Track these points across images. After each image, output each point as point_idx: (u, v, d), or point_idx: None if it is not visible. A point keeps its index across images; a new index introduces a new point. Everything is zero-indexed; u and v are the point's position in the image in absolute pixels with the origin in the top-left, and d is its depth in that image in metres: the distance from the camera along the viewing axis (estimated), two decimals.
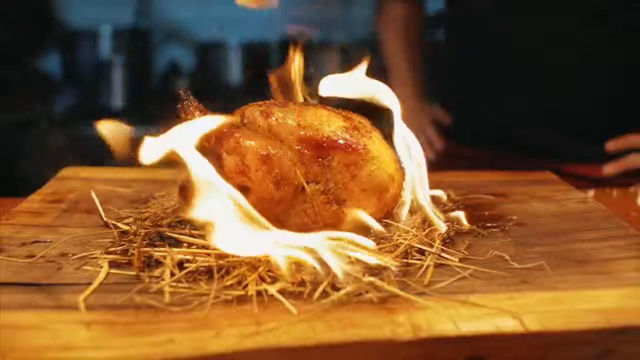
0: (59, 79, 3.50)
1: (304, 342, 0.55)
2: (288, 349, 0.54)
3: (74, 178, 1.01)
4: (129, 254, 0.70)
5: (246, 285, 0.64)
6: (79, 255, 0.71)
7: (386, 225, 0.74)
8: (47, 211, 0.85)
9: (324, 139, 0.71)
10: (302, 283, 0.64)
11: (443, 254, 0.71)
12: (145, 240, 0.72)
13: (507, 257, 0.71)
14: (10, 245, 0.73)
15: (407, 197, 0.78)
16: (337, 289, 0.63)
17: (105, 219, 0.80)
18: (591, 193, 1.07)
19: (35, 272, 0.67)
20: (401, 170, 0.76)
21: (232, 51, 3.22)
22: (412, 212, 0.80)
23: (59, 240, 0.75)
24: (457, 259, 0.70)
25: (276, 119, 0.73)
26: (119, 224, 0.78)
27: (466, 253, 0.73)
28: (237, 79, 3.16)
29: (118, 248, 0.72)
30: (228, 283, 0.64)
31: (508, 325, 0.57)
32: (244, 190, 0.71)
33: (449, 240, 0.76)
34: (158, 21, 3.36)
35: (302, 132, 0.72)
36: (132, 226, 0.77)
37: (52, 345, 0.53)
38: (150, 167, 0.82)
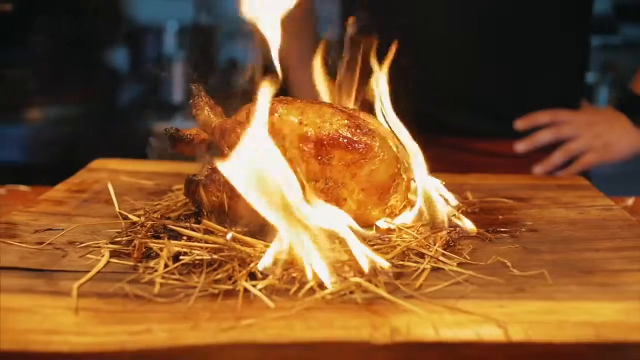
0: (124, 73, 3.63)
1: (278, 339, 0.55)
2: (261, 345, 0.55)
3: (102, 169, 1.04)
4: (132, 244, 0.72)
5: (235, 281, 0.64)
6: (86, 244, 0.73)
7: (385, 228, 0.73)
8: (69, 200, 0.89)
9: (325, 137, 0.71)
10: (291, 280, 0.64)
11: (441, 258, 0.70)
12: (150, 232, 0.74)
13: (508, 264, 0.69)
14: (24, 232, 0.77)
15: (413, 198, 0.76)
16: (324, 288, 0.62)
17: (118, 209, 0.83)
18: (630, 201, 1.03)
19: (41, 258, 0.70)
20: (407, 171, 0.75)
21: None
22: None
23: (72, 228, 0.78)
24: (455, 264, 0.69)
25: (279, 116, 0.73)
26: (130, 215, 0.80)
27: (468, 258, 0.71)
28: None
29: (123, 238, 0.74)
30: (218, 277, 0.64)
31: (490, 333, 0.55)
32: None
33: (453, 244, 0.74)
34: (221, 18, 3.42)
35: (303, 129, 0.72)
36: (141, 217, 0.79)
37: (38, 328, 0.56)
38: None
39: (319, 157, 0.71)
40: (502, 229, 0.79)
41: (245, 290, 0.63)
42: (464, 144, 1.23)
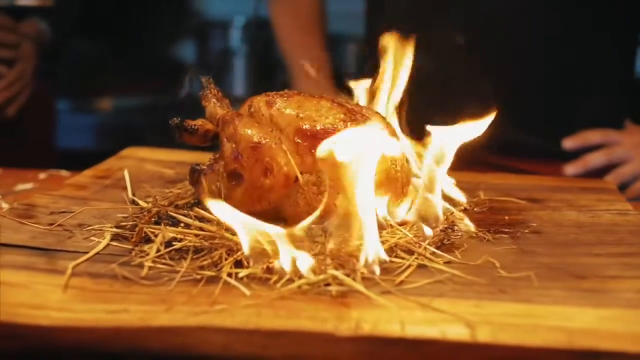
0: (191, 66, 3.74)
1: (243, 326, 0.56)
2: (227, 329, 0.56)
3: (131, 157, 1.08)
4: (135, 229, 0.76)
5: (221, 268, 0.66)
6: (93, 227, 0.77)
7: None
8: (91, 186, 0.93)
9: (318, 131, 0.72)
10: (271, 270, 0.65)
11: (430, 256, 0.69)
12: (153, 218, 0.77)
13: (497, 265, 0.68)
14: (41, 213, 0.81)
15: (410, 195, 0.76)
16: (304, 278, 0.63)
17: (130, 195, 0.87)
18: None
19: (49, 238, 0.74)
20: (402, 167, 0.75)
21: (350, 45, 3.24)
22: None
23: (84, 212, 0.82)
24: (442, 262, 0.68)
25: (277, 109, 0.74)
26: (139, 201, 0.84)
27: (459, 257, 0.70)
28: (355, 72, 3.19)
29: (128, 223, 0.77)
30: (204, 263, 0.67)
31: (456, 332, 0.55)
32: (238, 176, 0.74)
33: (448, 242, 0.73)
34: None
35: (299, 123, 0.73)
36: (150, 204, 0.82)
37: (26, 302, 0.59)
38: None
39: (312, 151, 0.72)
40: (504, 230, 0.78)
41: (228, 276, 0.65)
42: (506, 164, 1.19)
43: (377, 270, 0.65)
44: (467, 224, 0.76)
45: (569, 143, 1.18)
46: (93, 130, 3.26)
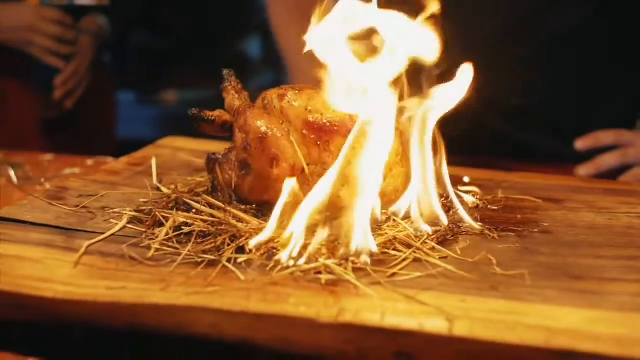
0: (256, 60, 3.83)
1: (231, 307, 0.59)
2: (215, 310, 0.59)
3: (167, 147, 1.13)
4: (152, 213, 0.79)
5: (222, 253, 0.69)
6: (114, 210, 0.82)
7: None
8: (123, 172, 0.98)
9: (324, 124, 0.74)
10: (270, 256, 0.67)
11: (427, 250, 0.69)
12: (170, 204, 0.81)
13: (494, 262, 0.67)
14: (71, 196, 0.86)
15: (413, 191, 0.76)
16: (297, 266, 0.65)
17: (154, 182, 0.91)
18: None
19: (72, 219, 0.79)
20: (406, 162, 0.75)
21: None
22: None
23: (110, 195, 0.87)
24: (437, 257, 0.68)
25: (288, 101, 0.76)
26: (163, 188, 0.88)
27: (458, 252, 0.70)
28: None
29: (147, 208, 0.81)
30: (207, 247, 0.69)
31: (433, 325, 0.55)
32: (247, 166, 0.76)
33: (452, 238, 0.74)
34: None
35: (307, 115, 0.75)
36: (170, 190, 0.86)
37: (35, 276, 0.64)
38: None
39: (318, 143, 0.74)
40: (513, 228, 0.77)
41: (228, 261, 0.67)
42: (518, 168, 1.17)
43: (368, 260, 0.66)
44: (471, 221, 0.76)
45: (581, 144, 1.14)
46: (157, 121, 3.38)
